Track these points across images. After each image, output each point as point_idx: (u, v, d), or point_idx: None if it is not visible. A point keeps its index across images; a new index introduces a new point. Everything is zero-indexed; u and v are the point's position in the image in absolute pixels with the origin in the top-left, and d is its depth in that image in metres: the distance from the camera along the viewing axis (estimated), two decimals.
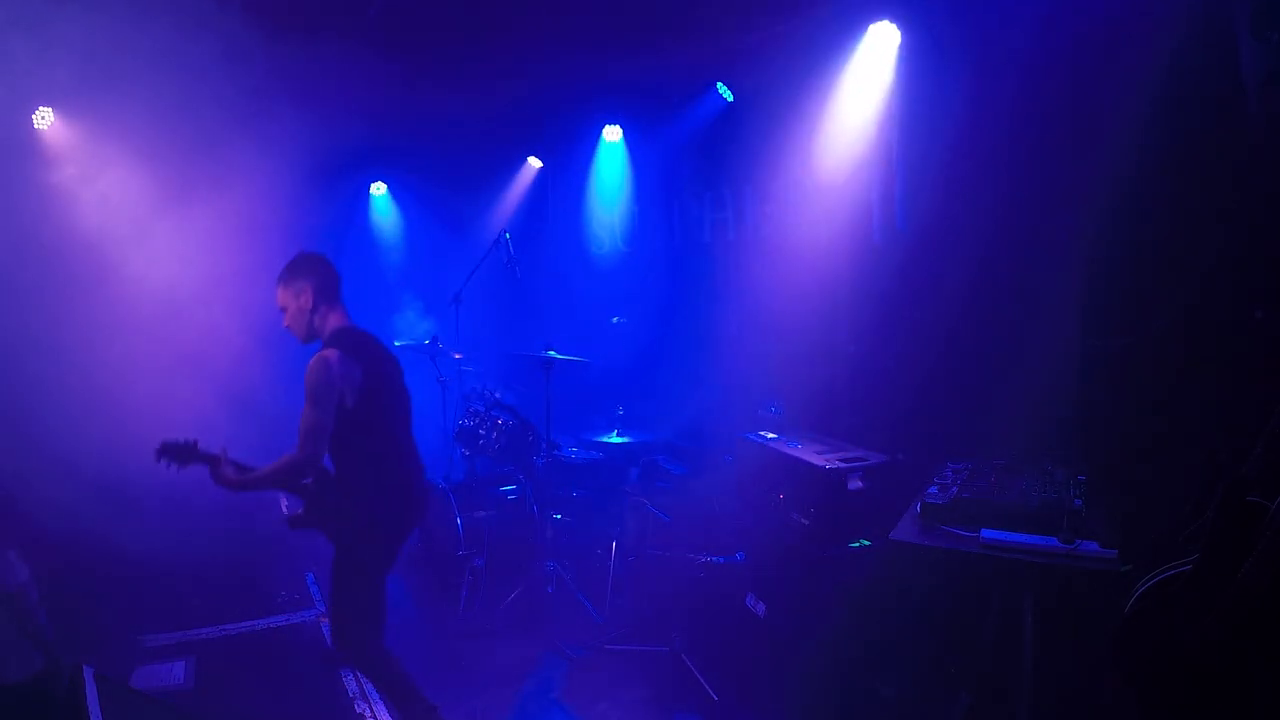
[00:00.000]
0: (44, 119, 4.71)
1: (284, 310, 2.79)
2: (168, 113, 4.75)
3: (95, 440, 4.14)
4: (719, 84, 4.64)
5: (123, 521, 3.03)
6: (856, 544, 3.00)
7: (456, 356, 4.85)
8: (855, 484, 3.03)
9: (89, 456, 4.15)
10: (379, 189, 6.78)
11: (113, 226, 4.73)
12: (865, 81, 3.79)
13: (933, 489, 2.47)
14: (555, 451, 4.29)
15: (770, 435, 3.60)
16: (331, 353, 2.56)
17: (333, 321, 2.76)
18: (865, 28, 3.70)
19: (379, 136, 5.99)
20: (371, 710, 3.23)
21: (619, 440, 4.19)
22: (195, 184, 5.02)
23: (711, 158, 5.01)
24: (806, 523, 3.08)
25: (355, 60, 4.80)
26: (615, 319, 4.90)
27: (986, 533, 2.21)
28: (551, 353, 4.13)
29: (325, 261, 2.83)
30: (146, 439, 2.78)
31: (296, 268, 2.77)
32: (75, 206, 4.74)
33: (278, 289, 2.79)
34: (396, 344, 4.88)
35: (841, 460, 3.10)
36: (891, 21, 3.62)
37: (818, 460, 3.09)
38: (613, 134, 5.50)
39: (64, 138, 4.77)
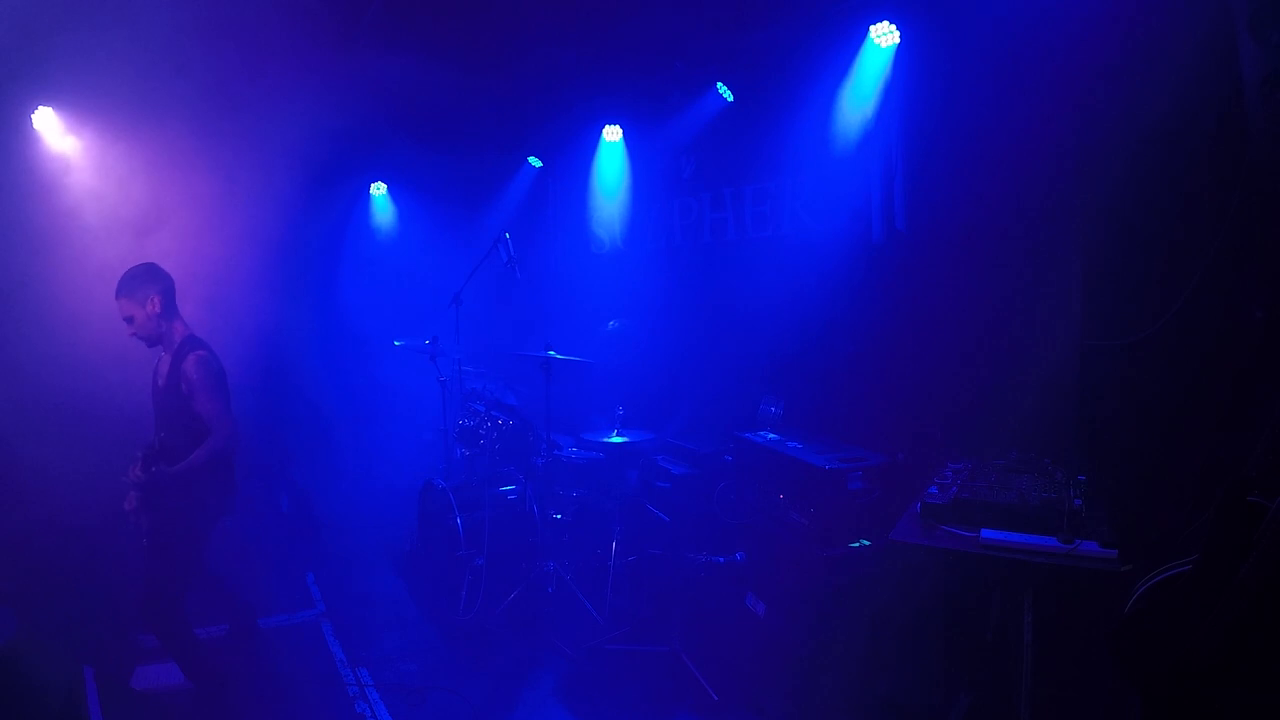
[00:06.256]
0: (44, 119, 4.70)
1: (130, 319, 3.02)
2: (167, 114, 4.75)
3: (94, 439, 4.13)
4: (719, 84, 4.64)
5: (122, 521, 3.06)
6: (856, 544, 3.00)
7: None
8: (855, 484, 3.03)
9: (88, 455, 4.15)
10: (379, 189, 6.78)
11: (111, 226, 4.72)
12: (865, 81, 3.80)
13: (933, 489, 2.47)
14: (555, 451, 4.29)
15: (770, 435, 3.60)
16: (203, 352, 3.00)
17: (179, 327, 3.09)
18: (865, 28, 3.70)
19: (379, 137, 5.99)
20: (372, 710, 3.23)
21: (619, 440, 4.18)
22: (194, 185, 5.01)
23: (711, 158, 5.01)
24: (806, 523, 3.08)
25: (355, 60, 4.80)
26: (611, 324, 4.90)
27: (986, 533, 2.21)
28: (551, 353, 4.13)
29: (164, 272, 3.11)
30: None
31: (139, 278, 3.02)
32: (73, 207, 4.73)
33: (120, 301, 3.01)
34: (396, 344, 4.88)
35: (841, 460, 3.10)
36: (891, 22, 3.63)
37: (818, 460, 3.09)
38: (613, 134, 5.50)
39: (63, 138, 4.76)
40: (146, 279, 3.03)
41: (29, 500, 4.09)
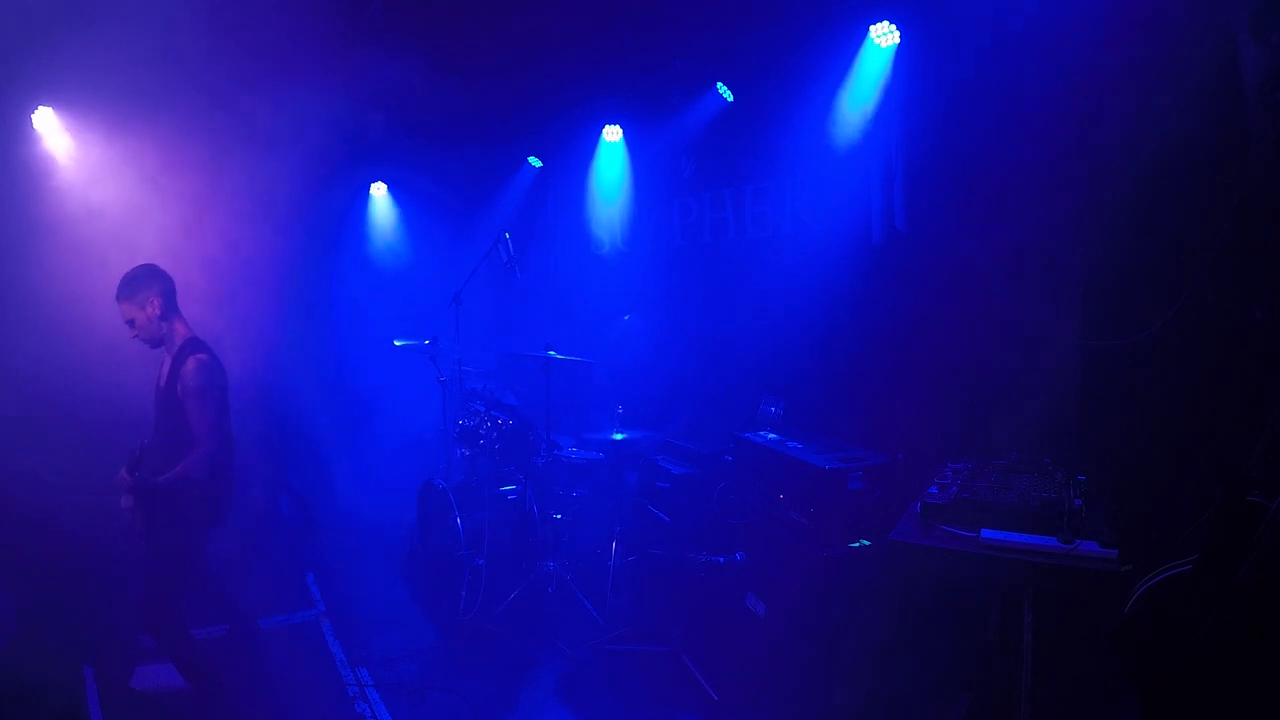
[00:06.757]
0: (44, 119, 4.70)
1: (131, 322, 2.99)
2: (167, 114, 4.75)
3: (93, 438, 4.13)
4: (719, 84, 4.64)
5: (122, 521, 3.06)
6: (856, 544, 3.00)
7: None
8: (855, 484, 3.03)
9: (88, 456, 4.15)
10: (379, 189, 6.78)
11: (110, 226, 4.72)
12: (865, 81, 3.80)
13: (933, 489, 2.47)
14: (555, 451, 4.29)
15: (770, 435, 3.60)
16: (203, 356, 2.95)
17: (180, 328, 3.06)
18: (865, 28, 3.71)
19: (378, 137, 6.00)
20: (372, 710, 3.23)
21: (619, 440, 4.18)
22: (195, 184, 5.01)
23: (711, 158, 5.01)
24: (806, 523, 3.08)
25: (355, 60, 4.80)
26: (626, 317, 4.92)
27: (986, 533, 2.21)
28: (551, 353, 4.14)
29: (164, 272, 3.07)
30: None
31: (139, 280, 2.99)
32: (74, 206, 4.74)
33: (121, 304, 2.98)
34: (396, 344, 4.88)
35: (841, 460, 3.10)
36: (891, 22, 3.63)
37: (818, 460, 3.09)
38: (613, 134, 5.50)
39: (62, 138, 4.76)
40: (146, 280, 3.00)
41: (29, 501, 4.09)
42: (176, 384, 2.93)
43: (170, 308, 3.05)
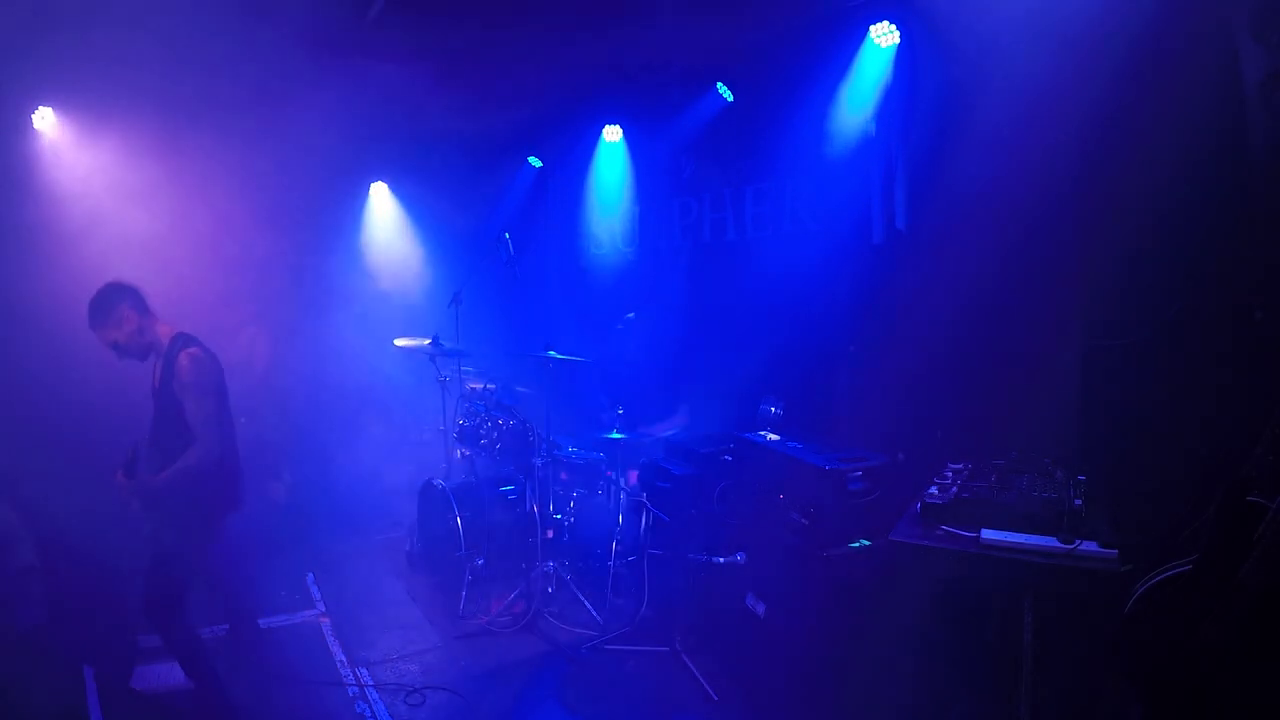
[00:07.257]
0: (44, 119, 4.71)
1: (115, 345, 2.90)
2: (167, 112, 4.75)
3: (94, 438, 4.13)
4: (719, 84, 4.64)
5: (123, 521, 3.06)
6: (856, 544, 3.00)
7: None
8: (855, 484, 3.03)
9: (87, 455, 4.15)
10: (379, 189, 6.77)
11: (110, 224, 4.72)
12: (865, 81, 3.80)
13: (933, 489, 2.47)
14: (555, 451, 4.29)
15: (770, 435, 3.60)
16: (196, 350, 2.87)
17: (162, 329, 2.96)
18: (865, 28, 3.71)
19: (379, 136, 5.99)
20: (372, 710, 3.23)
21: (619, 440, 4.18)
22: (195, 184, 5.01)
23: (711, 158, 5.01)
24: (806, 523, 3.08)
25: (355, 60, 4.79)
26: (630, 315, 4.93)
27: (986, 533, 2.21)
28: (551, 353, 4.14)
29: (125, 284, 2.94)
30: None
31: (106, 303, 2.87)
32: (74, 205, 4.74)
33: (98, 334, 2.89)
34: (396, 344, 4.88)
35: (841, 460, 3.10)
36: (891, 22, 3.63)
37: (818, 460, 3.09)
38: (613, 134, 5.51)
39: (63, 137, 4.76)
40: (112, 300, 2.89)
41: (26, 501, 4.09)
42: (172, 380, 2.87)
43: (145, 314, 2.95)
